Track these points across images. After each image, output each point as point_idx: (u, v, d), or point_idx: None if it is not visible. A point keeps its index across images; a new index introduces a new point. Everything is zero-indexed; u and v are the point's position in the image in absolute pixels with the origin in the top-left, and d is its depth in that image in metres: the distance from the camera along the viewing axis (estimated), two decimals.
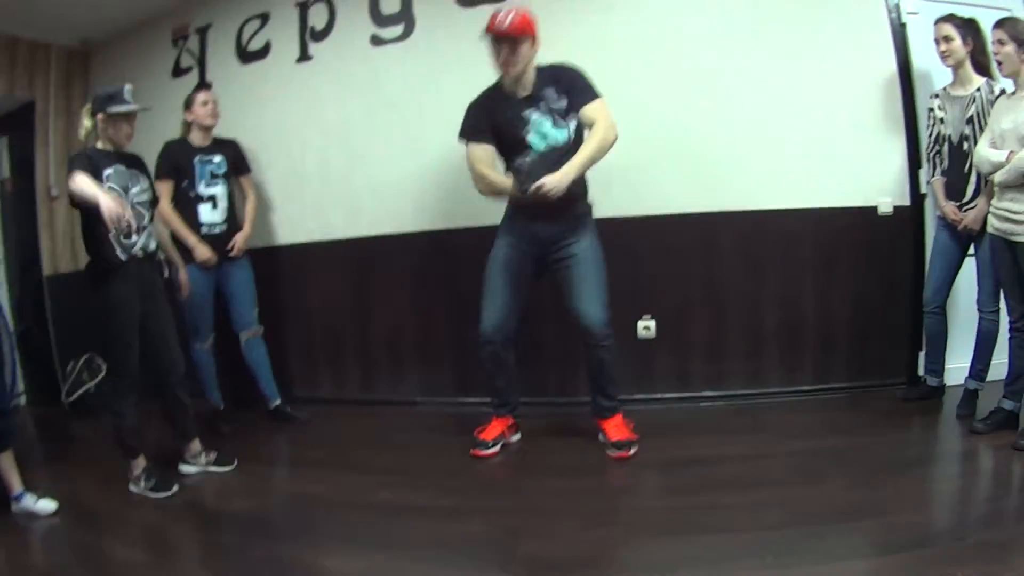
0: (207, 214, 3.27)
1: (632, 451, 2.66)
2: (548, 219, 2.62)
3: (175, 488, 2.60)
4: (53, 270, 4.23)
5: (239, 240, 3.34)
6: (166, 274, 2.82)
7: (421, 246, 3.12)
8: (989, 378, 2.75)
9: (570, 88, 2.61)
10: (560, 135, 2.61)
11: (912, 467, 2.38)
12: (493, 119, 2.62)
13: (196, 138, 3.27)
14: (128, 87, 2.59)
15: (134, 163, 2.66)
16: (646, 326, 3.23)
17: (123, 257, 2.54)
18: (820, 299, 3.21)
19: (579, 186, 2.64)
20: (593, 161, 2.56)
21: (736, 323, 3.24)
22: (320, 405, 3.61)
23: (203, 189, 3.26)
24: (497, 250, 2.73)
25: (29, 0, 3.68)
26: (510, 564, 1.98)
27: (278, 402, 3.49)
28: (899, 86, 3.10)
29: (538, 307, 2.88)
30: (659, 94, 3.16)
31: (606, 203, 3.00)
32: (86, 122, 2.60)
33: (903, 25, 3.11)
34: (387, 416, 3.45)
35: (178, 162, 3.23)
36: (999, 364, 2.66)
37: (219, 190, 3.30)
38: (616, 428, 2.73)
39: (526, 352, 2.97)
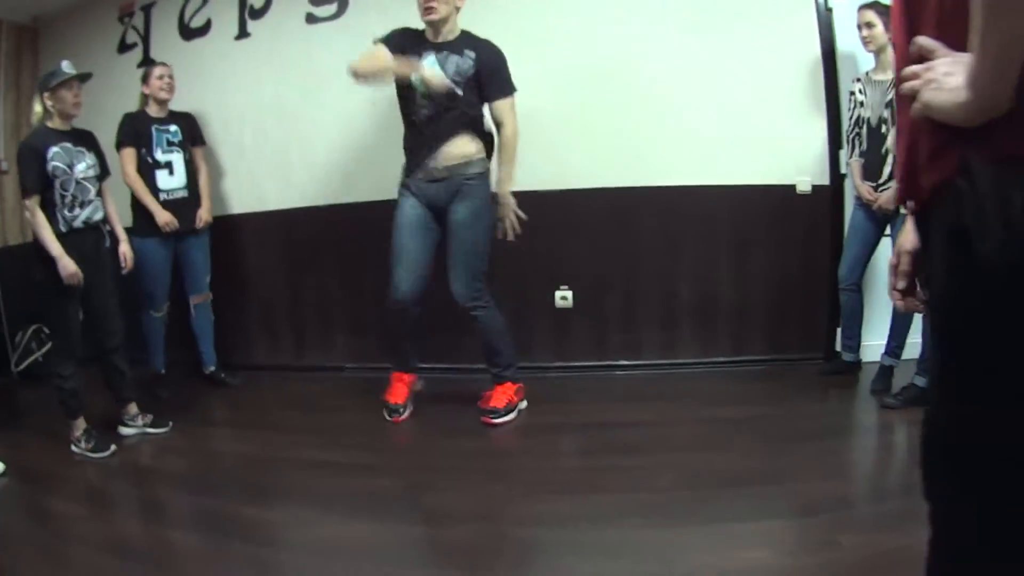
0: (165, 180, 3.36)
1: (499, 419, 2.77)
2: (437, 181, 2.72)
3: (112, 448, 2.74)
4: (2, 243, 4.29)
5: (203, 214, 3.45)
6: (108, 243, 2.90)
7: (350, 217, 3.23)
8: (905, 355, 2.84)
9: (491, 72, 2.69)
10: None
11: (819, 438, 2.45)
12: (405, 46, 2.68)
13: (153, 110, 3.37)
14: (66, 62, 2.71)
15: (83, 139, 2.79)
16: (563, 296, 3.37)
17: (63, 229, 2.67)
18: (737, 274, 3.32)
19: (471, 132, 2.73)
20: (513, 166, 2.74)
21: (653, 295, 3.37)
22: (255, 371, 3.72)
23: (160, 156, 3.35)
24: (400, 211, 2.79)
25: None
26: (411, 515, 2.15)
27: (213, 367, 3.61)
28: (823, 69, 3.19)
29: None
30: (581, 67, 3.24)
31: (527, 176, 3.10)
32: (36, 107, 2.75)
33: (829, 10, 3.19)
34: (317, 381, 3.58)
35: (138, 129, 3.32)
36: (915, 343, 2.76)
37: (175, 157, 3.39)
38: (496, 396, 2.83)
39: (447, 318, 3.08)
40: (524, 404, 2.91)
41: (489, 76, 2.70)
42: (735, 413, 2.76)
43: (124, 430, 2.95)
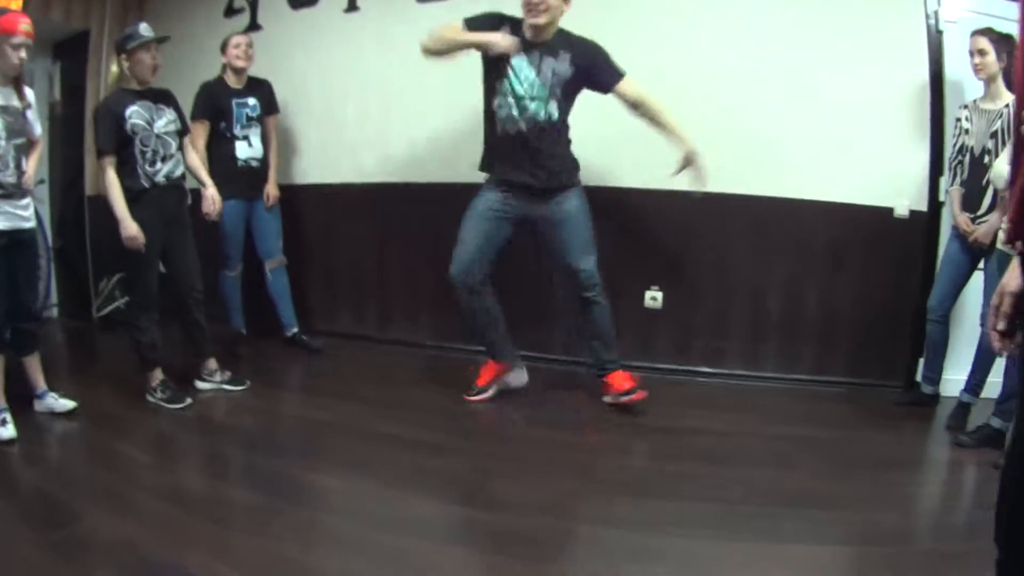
0: (243, 150, 3.42)
1: (628, 397, 2.77)
2: (534, 178, 2.71)
3: (188, 401, 2.77)
4: (96, 191, 4.36)
5: (272, 191, 3.49)
6: (189, 201, 2.93)
7: (445, 197, 3.20)
8: (984, 394, 2.75)
9: (594, 64, 2.66)
10: (529, 88, 2.63)
11: (888, 468, 2.40)
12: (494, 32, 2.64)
13: (231, 79, 3.39)
14: (144, 25, 2.70)
15: (160, 97, 2.79)
16: (653, 296, 3.32)
17: (146, 184, 2.70)
18: (826, 292, 3.24)
19: (566, 158, 2.74)
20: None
21: (741, 305, 3.30)
22: (338, 339, 3.74)
23: (239, 131, 3.40)
24: (477, 200, 2.80)
25: None
26: (475, 499, 2.12)
27: (295, 330, 3.64)
28: (929, 92, 3.10)
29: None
30: (694, 73, 3.19)
31: (630, 173, 3.08)
32: (114, 68, 2.79)
33: (940, 32, 3.09)
34: (399, 355, 3.58)
35: (215, 103, 3.35)
36: (995, 382, 2.65)
37: (253, 131, 3.44)
38: (621, 379, 2.82)
39: (534, 309, 3.05)
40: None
41: (596, 68, 2.67)
42: (810, 432, 2.71)
43: (201, 384, 2.99)
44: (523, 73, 2.64)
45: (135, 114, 2.66)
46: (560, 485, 2.21)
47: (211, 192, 2.96)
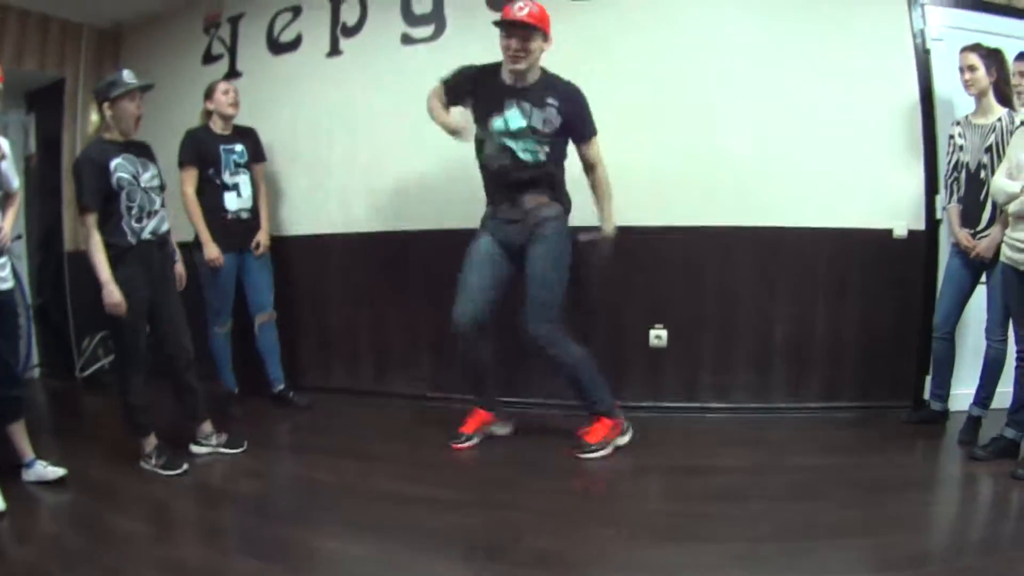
0: (232, 201, 3.30)
1: (587, 455, 2.67)
2: (514, 222, 2.68)
3: (185, 467, 2.61)
4: (74, 246, 4.22)
5: (263, 239, 3.39)
6: (177, 259, 2.80)
7: (441, 244, 3.11)
8: (993, 406, 2.74)
9: (576, 117, 2.66)
10: (518, 136, 2.62)
11: (910, 489, 2.37)
12: (476, 88, 2.67)
13: (217, 126, 3.29)
14: (127, 72, 2.55)
15: (142, 151, 2.65)
16: (657, 335, 3.23)
17: (132, 241, 2.55)
18: (831, 318, 3.19)
19: (549, 189, 2.70)
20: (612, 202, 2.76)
21: (746, 337, 3.23)
22: (332, 394, 3.62)
23: (228, 178, 3.28)
24: (474, 244, 2.76)
25: None
26: (511, 556, 1.99)
27: (282, 387, 3.52)
28: (920, 111, 3.09)
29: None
30: (685, 108, 3.16)
31: (628, 211, 2.98)
32: (93, 117, 2.61)
33: (927, 51, 3.09)
34: (398, 409, 3.45)
35: (202, 149, 3.23)
36: (1004, 393, 2.64)
37: (243, 178, 3.33)
38: (592, 431, 2.73)
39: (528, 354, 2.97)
40: (624, 440, 2.79)
41: (577, 121, 2.67)
42: (825, 461, 2.66)
43: (196, 449, 2.84)
44: (512, 120, 2.63)
45: (120, 167, 2.50)
46: (592, 535, 2.12)
47: (179, 268, 2.82)
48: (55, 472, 2.48)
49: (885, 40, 3.10)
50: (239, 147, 3.31)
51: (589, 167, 2.73)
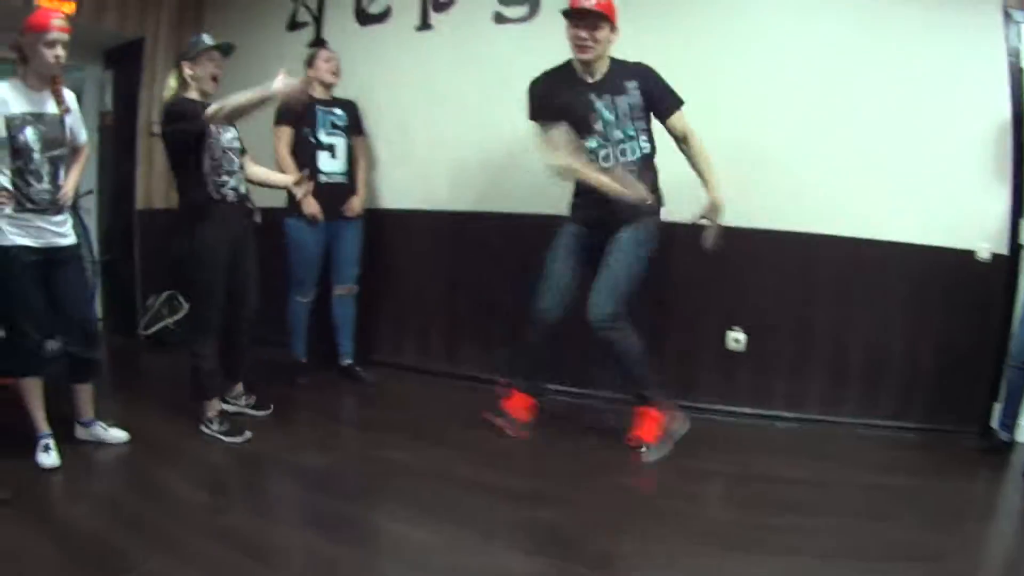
0: (326, 162, 3.24)
1: (652, 457, 2.61)
2: (608, 211, 2.59)
3: (247, 435, 2.59)
4: (146, 204, 4.21)
5: (356, 203, 3.32)
6: (258, 219, 2.78)
7: (525, 228, 3.03)
8: None
9: (656, 91, 2.59)
10: (617, 131, 2.57)
11: (974, 517, 2.32)
12: (555, 101, 2.58)
13: (318, 91, 3.24)
14: (206, 35, 2.59)
15: None
16: (736, 338, 3.14)
17: (215, 196, 2.53)
18: (907, 335, 3.08)
19: (646, 180, 2.60)
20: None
21: (823, 347, 3.12)
22: (404, 371, 3.57)
23: (324, 137, 3.23)
24: (560, 236, 2.71)
25: None
26: (579, 556, 1.94)
27: (350, 360, 3.47)
28: (1011, 131, 2.94)
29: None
30: (775, 113, 3.06)
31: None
32: (171, 82, 2.59)
33: (1022, 71, 2.94)
34: (471, 392, 3.37)
35: (298, 109, 3.14)
36: None
37: (339, 141, 3.27)
38: (644, 427, 2.67)
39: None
40: (684, 429, 2.72)
41: (658, 96, 2.59)
42: (893, 481, 2.58)
43: (223, 406, 2.82)
44: (603, 118, 2.56)
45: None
46: (659, 539, 2.07)
47: (313, 208, 2.89)
48: (117, 435, 2.48)
49: (978, 57, 2.95)
50: (339, 111, 3.27)
51: (682, 139, 2.63)
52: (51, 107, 2.27)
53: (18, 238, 2.20)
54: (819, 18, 3.03)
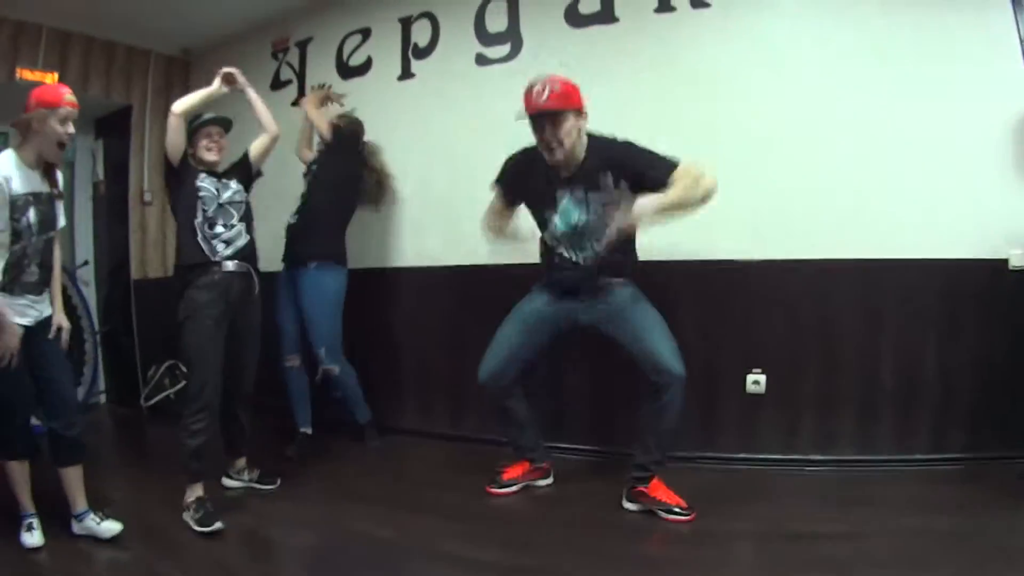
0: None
1: (681, 517, 2.36)
2: (584, 293, 2.41)
3: (218, 525, 2.32)
4: (142, 274, 4.09)
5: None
6: (255, 291, 2.59)
7: (519, 279, 2.81)
8: None
9: (635, 174, 2.25)
10: (588, 226, 2.35)
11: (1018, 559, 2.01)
12: (526, 184, 2.41)
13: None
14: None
15: (232, 172, 2.64)
16: (755, 380, 2.87)
17: (208, 253, 2.44)
18: (940, 359, 2.79)
19: (621, 260, 2.39)
20: (680, 205, 2.16)
21: (849, 381, 2.84)
22: (406, 435, 3.37)
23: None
24: (524, 301, 2.54)
25: (131, 7, 3.55)
26: None
27: (362, 421, 3.27)
28: None
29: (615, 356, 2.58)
30: (776, 136, 2.83)
31: (721, 243, 2.68)
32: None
33: None
34: (473, 454, 3.15)
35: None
36: None
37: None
38: (663, 490, 2.42)
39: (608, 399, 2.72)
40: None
41: (640, 175, 2.23)
42: (935, 524, 2.27)
43: (229, 483, 2.70)
44: (570, 213, 2.35)
45: (204, 185, 2.52)
46: None
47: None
48: (109, 529, 2.26)
49: (993, 53, 2.70)
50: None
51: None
52: (45, 187, 2.16)
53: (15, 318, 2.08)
54: (823, 31, 2.81)
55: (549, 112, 2.18)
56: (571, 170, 2.30)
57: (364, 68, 3.45)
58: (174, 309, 2.46)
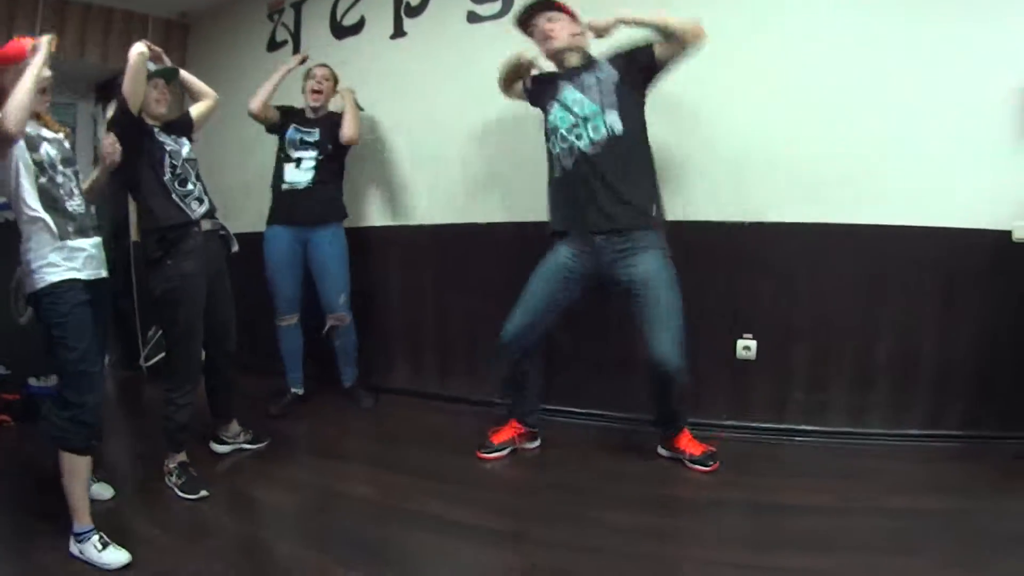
0: (290, 173, 3.03)
1: (716, 464, 2.42)
2: (601, 233, 2.28)
3: (202, 494, 2.26)
4: (140, 237, 4.02)
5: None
6: (235, 247, 2.52)
7: (510, 237, 2.72)
8: None
9: (630, 52, 2.29)
10: (579, 107, 2.29)
11: (1017, 547, 1.90)
12: (544, 91, 2.42)
13: (308, 110, 3.14)
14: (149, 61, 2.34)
15: (173, 128, 2.45)
16: (746, 346, 2.76)
17: (186, 211, 2.31)
18: (939, 332, 2.64)
19: (639, 187, 2.29)
20: (658, 23, 2.19)
21: (844, 351, 2.71)
22: (396, 395, 3.30)
23: (292, 152, 3.03)
24: (550, 257, 2.41)
25: None
26: None
27: (351, 384, 3.23)
28: None
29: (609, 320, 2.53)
30: (774, 92, 2.68)
31: (712, 205, 2.58)
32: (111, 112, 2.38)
33: None
34: (462, 415, 3.09)
35: (284, 121, 3.08)
36: None
37: (307, 155, 3.02)
38: (691, 442, 2.47)
39: (588, 360, 2.67)
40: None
41: (634, 53, 2.29)
42: (927, 504, 2.17)
43: (218, 448, 2.62)
44: (569, 97, 2.29)
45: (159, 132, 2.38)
46: None
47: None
48: (114, 559, 1.81)
49: (1008, 15, 2.49)
50: (316, 130, 3.07)
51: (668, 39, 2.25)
52: (46, 132, 1.95)
53: (66, 273, 1.84)
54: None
55: (540, 2, 2.34)
56: (574, 62, 2.37)
57: (357, 28, 3.34)
58: (155, 278, 2.29)
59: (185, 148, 2.42)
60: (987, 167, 2.54)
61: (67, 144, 2.03)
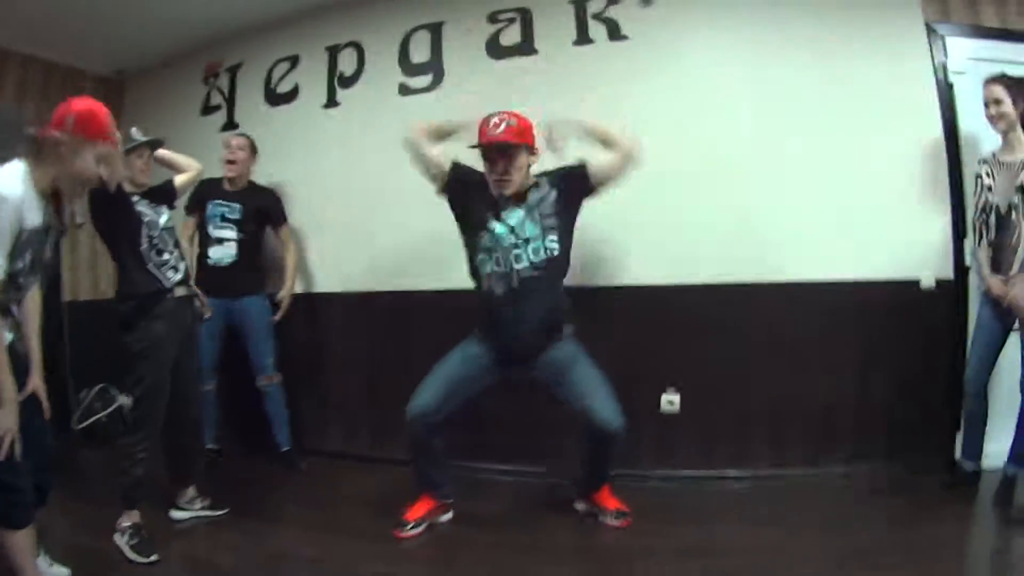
0: (215, 251, 3.06)
1: (628, 520, 2.43)
2: (517, 352, 2.33)
3: (154, 558, 2.20)
4: (73, 296, 3.90)
5: (283, 294, 3.14)
6: (206, 315, 2.56)
7: (442, 306, 2.75)
8: None
9: (567, 173, 2.28)
10: (524, 230, 2.26)
11: (938, 566, 2.02)
12: (468, 196, 2.30)
13: (226, 182, 3.10)
14: (135, 129, 2.50)
15: (156, 196, 2.52)
16: (670, 400, 2.86)
17: (161, 280, 2.35)
18: (855, 376, 2.81)
19: (557, 309, 2.34)
20: (608, 137, 2.26)
21: (767, 399, 2.84)
22: (330, 459, 3.26)
23: (212, 231, 3.06)
24: (467, 345, 2.40)
25: (67, 28, 3.43)
26: None
27: (286, 448, 3.19)
28: (945, 150, 2.73)
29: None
30: (691, 160, 2.81)
31: (634, 270, 2.65)
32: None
33: (950, 85, 2.73)
34: (395, 477, 3.00)
35: (199, 199, 3.07)
36: None
37: (229, 233, 3.05)
38: (610, 497, 2.48)
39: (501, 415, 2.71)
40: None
41: (570, 172, 2.28)
42: (854, 542, 2.23)
43: (177, 514, 2.54)
44: (513, 218, 2.26)
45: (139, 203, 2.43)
46: None
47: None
48: (58, 573, 1.94)
49: (905, 77, 2.74)
50: (236, 205, 3.08)
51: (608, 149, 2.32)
52: (45, 219, 1.74)
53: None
54: (741, 67, 2.82)
55: (503, 145, 2.14)
56: (516, 191, 2.26)
57: (291, 96, 3.36)
58: (121, 340, 2.31)
59: (163, 217, 2.47)
60: (894, 221, 2.73)
61: (47, 238, 1.83)
